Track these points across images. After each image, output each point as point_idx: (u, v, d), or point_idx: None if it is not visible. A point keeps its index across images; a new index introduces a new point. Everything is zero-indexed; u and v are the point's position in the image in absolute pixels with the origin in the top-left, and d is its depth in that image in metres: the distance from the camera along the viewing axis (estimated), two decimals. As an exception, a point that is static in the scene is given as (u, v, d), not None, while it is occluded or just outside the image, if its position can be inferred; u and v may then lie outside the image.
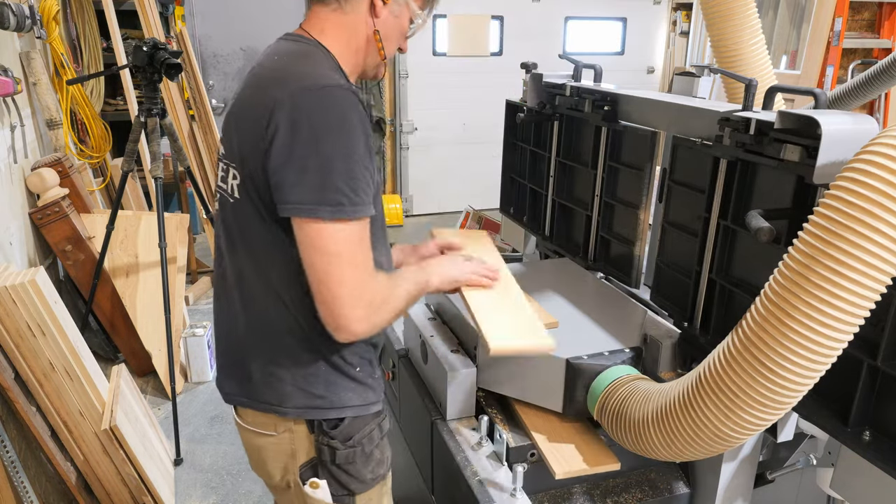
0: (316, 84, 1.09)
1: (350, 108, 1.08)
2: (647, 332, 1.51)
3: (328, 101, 1.07)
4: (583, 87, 1.80)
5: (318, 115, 1.06)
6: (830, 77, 4.51)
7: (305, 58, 1.17)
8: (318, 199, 1.06)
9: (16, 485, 1.98)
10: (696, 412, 1.10)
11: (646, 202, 1.64)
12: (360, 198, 1.08)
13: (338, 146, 1.06)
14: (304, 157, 1.06)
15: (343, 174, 1.06)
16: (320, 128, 1.06)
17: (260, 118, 1.10)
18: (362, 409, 1.27)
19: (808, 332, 0.94)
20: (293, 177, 1.07)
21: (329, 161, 1.05)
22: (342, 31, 1.21)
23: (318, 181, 1.05)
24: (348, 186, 1.06)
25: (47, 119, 3.57)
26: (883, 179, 0.87)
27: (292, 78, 1.11)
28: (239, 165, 1.16)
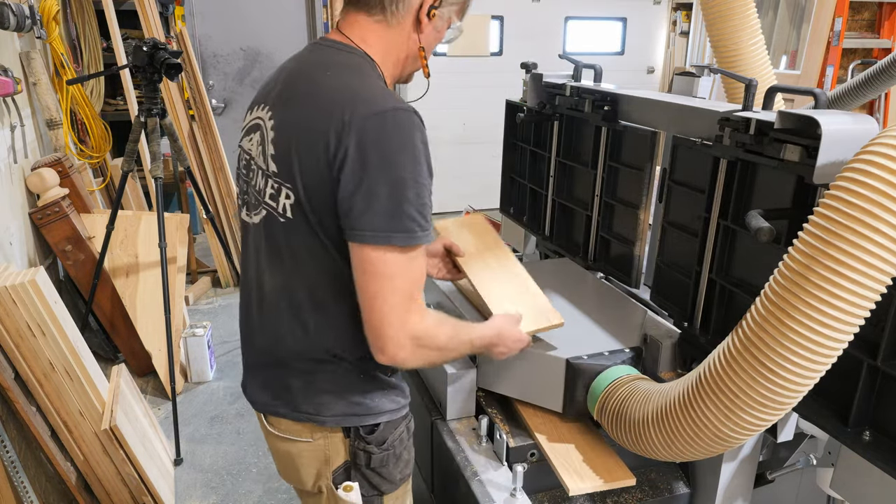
0: (382, 108, 1.07)
1: (415, 130, 1.08)
2: (647, 332, 1.51)
3: (395, 125, 1.06)
4: (583, 87, 1.80)
5: (387, 140, 1.06)
6: (830, 77, 4.51)
7: (361, 74, 1.15)
8: (391, 227, 1.05)
9: (16, 485, 1.98)
10: (697, 412, 1.10)
11: (646, 202, 1.64)
12: (428, 223, 1.09)
13: (407, 172, 1.05)
14: (374, 184, 1.05)
15: (414, 200, 1.06)
16: (390, 154, 1.05)
17: (325, 143, 1.08)
18: (395, 412, 1.28)
19: (808, 332, 0.94)
20: (363, 204, 1.06)
21: (400, 188, 1.05)
22: (384, 43, 1.19)
23: (389, 208, 1.05)
24: (419, 213, 1.07)
25: (47, 119, 3.57)
26: (883, 179, 0.87)
27: (357, 100, 1.08)
28: (295, 186, 1.12)
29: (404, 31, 1.19)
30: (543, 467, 1.36)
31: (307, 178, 1.11)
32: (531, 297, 1.54)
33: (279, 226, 1.17)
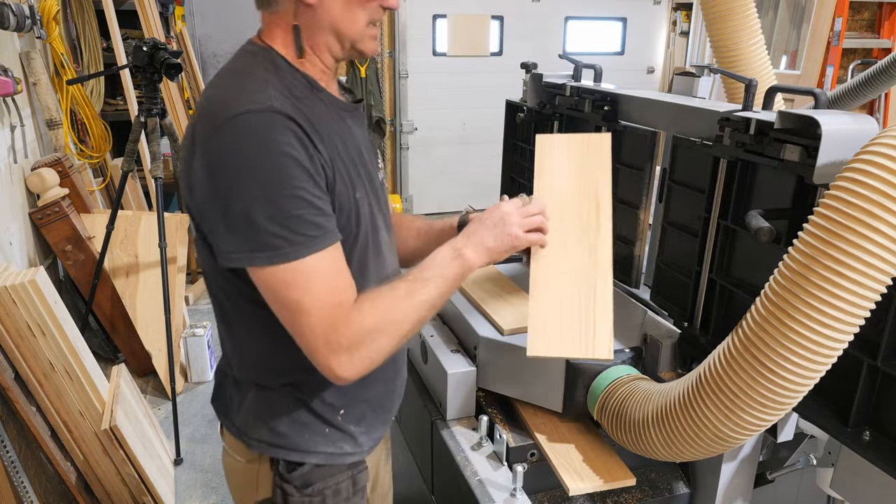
0: (229, 114, 0.94)
1: (272, 132, 0.94)
2: (647, 332, 1.51)
3: (242, 131, 0.94)
4: (583, 87, 1.80)
5: (232, 150, 0.94)
6: (830, 77, 4.51)
7: (237, 76, 1.03)
8: (249, 247, 0.95)
9: (16, 485, 1.98)
10: (697, 412, 1.10)
11: (646, 202, 1.64)
12: (300, 235, 0.95)
13: (260, 182, 0.93)
14: (225, 201, 0.95)
15: (272, 214, 0.94)
16: (235, 165, 0.94)
17: (188, 159, 1.00)
18: (331, 457, 1.15)
19: (808, 332, 0.94)
20: (219, 225, 0.97)
21: (252, 202, 0.93)
22: (287, 31, 1.07)
23: (244, 226, 0.94)
24: (281, 226, 0.94)
25: (47, 119, 3.57)
26: (883, 179, 0.87)
27: (211, 108, 0.99)
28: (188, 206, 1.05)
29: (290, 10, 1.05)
30: (543, 467, 1.36)
31: (187, 198, 1.03)
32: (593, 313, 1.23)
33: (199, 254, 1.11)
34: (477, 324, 1.55)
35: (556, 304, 1.24)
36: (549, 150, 1.41)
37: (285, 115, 0.96)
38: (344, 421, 1.17)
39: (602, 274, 1.26)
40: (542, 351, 1.20)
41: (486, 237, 1.17)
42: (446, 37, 6.06)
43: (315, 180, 0.98)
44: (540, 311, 1.23)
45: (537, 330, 1.21)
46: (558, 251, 1.28)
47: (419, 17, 5.92)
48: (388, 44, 5.93)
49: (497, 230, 1.18)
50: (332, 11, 1.04)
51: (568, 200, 1.33)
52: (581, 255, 1.27)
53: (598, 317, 1.22)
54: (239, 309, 1.10)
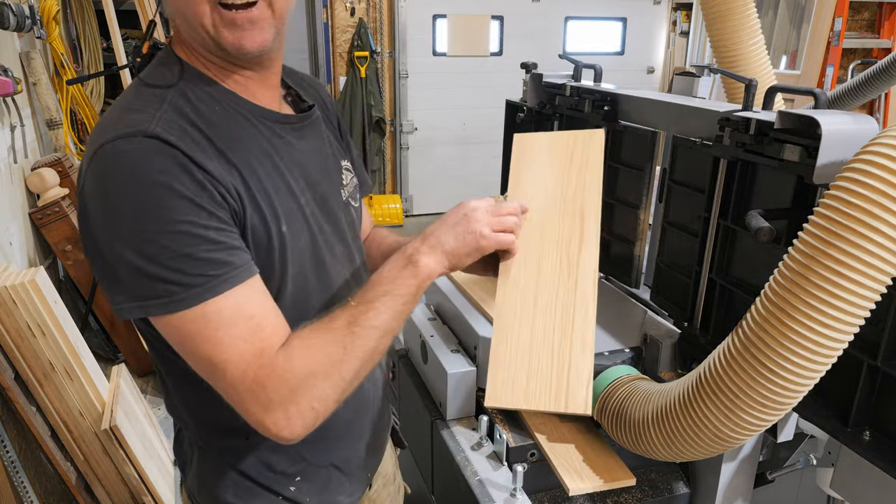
0: (98, 143, 0.81)
1: (142, 160, 0.79)
2: (647, 332, 1.51)
3: (109, 163, 0.80)
4: (583, 87, 1.80)
5: (101, 186, 0.80)
6: (830, 77, 4.51)
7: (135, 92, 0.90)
8: (137, 295, 0.80)
9: (16, 485, 1.98)
10: (697, 412, 1.10)
11: (646, 202, 1.64)
12: (196, 276, 0.80)
13: (135, 220, 0.78)
14: (105, 246, 0.80)
15: (154, 255, 0.78)
16: (105, 203, 0.80)
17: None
18: None
19: (808, 332, 0.94)
20: (100, 272, 0.83)
21: (129, 244, 0.78)
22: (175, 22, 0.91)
23: (126, 273, 0.79)
24: (168, 268, 0.79)
25: (47, 119, 3.57)
26: (883, 179, 0.87)
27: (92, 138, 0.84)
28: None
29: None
30: (543, 467, 1.36)
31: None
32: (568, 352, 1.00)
33: None
34: (477, 324, 1.55)
35: (525, 342, 1.00)
36: (526, 152, 1.18)
37: (160, 140, 0.80)
38: (299, 493, 1.01)
39: (582, 302, 1.01)
40: (503, 402, 0.99)
41: (446, 237, 0.94)
42: (446, 37, 6.06)
43: (207, 210, 0.81)
44: (503, 350, 1.00)
45: (498, 374, 0.99)
46: (531, 272, 1.04)
47: (419, 17, 5.92)
48: (388, 44, 5.93)
49: (459, 228, 0.95)
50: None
51: (547, 212, 1.10)
52: (559, 276, 1.04)
53: (575, 360, 0.98)
54: (162, 358, 0.95)
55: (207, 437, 1.00)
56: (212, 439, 1.00)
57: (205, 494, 1.02)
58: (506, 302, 1.03)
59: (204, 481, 1.00)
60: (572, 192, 1.12)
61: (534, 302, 1.03)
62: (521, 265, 1.06)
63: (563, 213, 1.10)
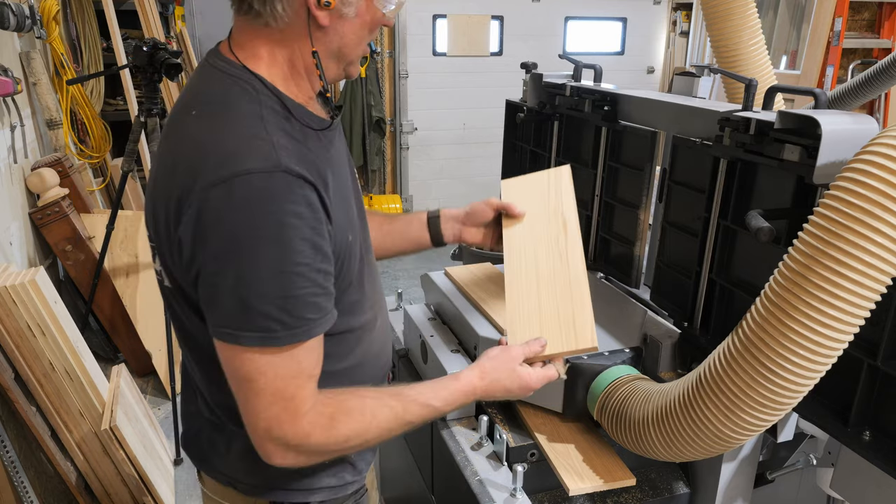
0: (232, 172, 0.83)
1: (282, 201, 0.84)
2: (647, 332, 1.50)
3: (245, 196, 0.83)
4: (583, 87, 1.80)
5: (232, 218, 0.83)
6: (830, 77, 4.51)
7: (226, 115, 0.90)
8: (238, 325, 0.85)
9: (16, 485, 1.98)
10: (697, 413, 1.10)
11: (646, 202, 1.64)
12: (299, 320, 0.86)
13: (263, 258, 0.83)
14: (216, 273, 0.85)
15: (273, 294, 0.84)
16: (235, 235, 0.83)
17: (172, 213, 0.88)
18: (334, 491, 1.10)
19: (808, 332, 0.94)
20: (206, 294, 0.87)
21: (251, 279, 0.83)
22: (281, 51, 0.95)
23: (236, 304, 0.85)
24: (280, 308, 0.85)
25: (47, 119, 3.57)
26: (883, 179, 0.87)
27: (206, 160, 0.86)
28: (160, 253, 0.96)
29: (295, 32, 0.94)
30: (543, 467, 1.36)
31: (163, 247, 0.94)
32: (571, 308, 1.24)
33: (165, 291, 1.02)
34: (477, 324, 1.55)
35: (535, 310, 1.25)
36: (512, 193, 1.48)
37: (297, 175, 0.85)
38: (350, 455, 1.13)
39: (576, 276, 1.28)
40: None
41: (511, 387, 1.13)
42: (446, 37, 6.06)
43: (323, 252, 0.89)
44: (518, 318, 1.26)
45: (517, 334, 1.23)
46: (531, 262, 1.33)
47: (419, 17, 5.92)
48: (388, 44, 5.93)
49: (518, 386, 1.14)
50: (344, 35, 0.96)
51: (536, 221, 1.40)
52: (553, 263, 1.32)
53: (577, 312, 1.23)
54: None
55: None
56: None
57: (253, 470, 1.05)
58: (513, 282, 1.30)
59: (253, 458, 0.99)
60: (553, 206, 1.42)
61: (536, 280, 1.30)
62: (522, 256, 1.33)
63: (549, 221, 1.39)
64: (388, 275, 4.99)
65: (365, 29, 0.98)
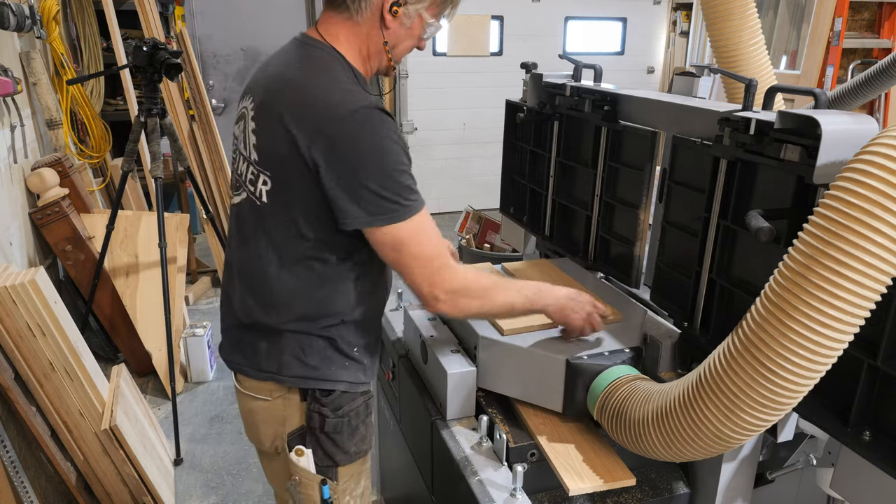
0: (347, 110, 1.18)
1: (381, 125, 1.19)
2: (647, 332, 1.50)
3: (362, 125, 1.18)
4: (583, 87, 1.80)
5: (356, 141, 1.17)
6: (830, 77, 4.51)
7: (328, 71, 1.25)
8: (370, 212, 1.20)
9: (16, 485, 1.98)
10: (697, 413, 1.10)
11: (646, 202, 1.64)
12: (409, 198, 1.22)
13: (381, 162, 1.18)
14: (349, 176, 1.18)
15: (388, 185, 1.19)
16: (362, 153, 1.18)
17: (298, 142, 1.20)
18: (352, 385, 1.39)
19: (808, 332, 0.94)
20: (347, 199, 1.20)
21: (372, 177, 1.18)
22: (354, 38, 1.29)
23: (367, 195, 1.19)
24: (397, 194, 1.20)
25: (47, 119, 3.57)
26: (883, 179, 0.87)
27: (321, 101, 1.20)
28: (273, 175, 1.27)
29: (370, 27, 1.28)
30: (543, 467, 1.36)
31: (284, 170, 1.24)
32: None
33: (255, 208, 1.31)
34: (477, 324, 1.55)
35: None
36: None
37: (385, 112, 1.21)
38: (359, 354, 1.40)
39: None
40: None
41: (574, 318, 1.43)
42: (446, 37, 6.06)
43: (408, 158, 1.24)
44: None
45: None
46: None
47: (419, 17, 5.91)
48: (388, 44, 5.93)
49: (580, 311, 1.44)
50: (399, 39, 1.31)
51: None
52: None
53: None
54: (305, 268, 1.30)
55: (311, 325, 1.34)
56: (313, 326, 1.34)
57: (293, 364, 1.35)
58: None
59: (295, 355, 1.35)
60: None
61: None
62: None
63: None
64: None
65: (412, 40, 1.34)
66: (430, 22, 1.31)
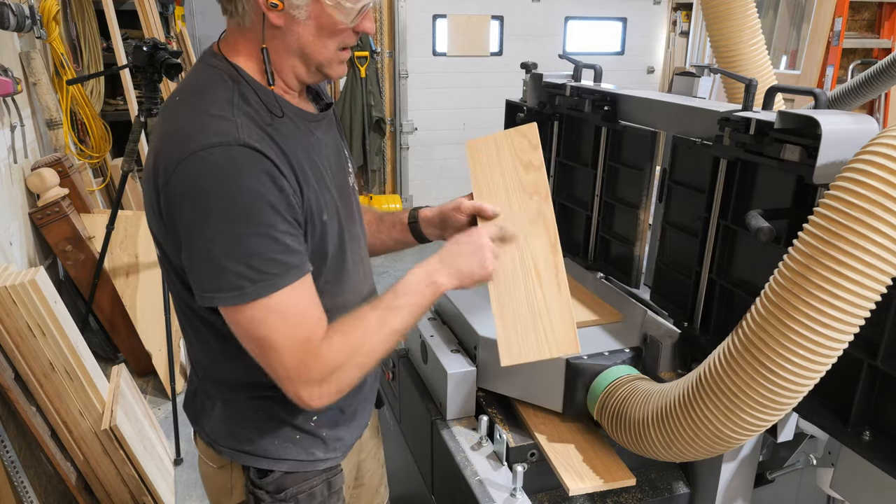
0: (195, 146, 0.92)
1: (239, 169, 0.92)
2: (647, 332, 1.50)
3: (207, 167, 0.92)
4: (583, 87, 1.80)
5: (197, 187, 0.92)
6: (830, 77, 4.51)
7: (199, 95, 1.01)
8: (213, 286, 0.95)
9: (16, 485, 1.98)
10: (697, 413, 1.10)
11: (646, 202, 1.64)
12: (265, 274, 0.94)
13: (225, 222, 0.92)
14: (189, 240, 0.95)
15: (233, 253, 0.93)
16: (200, 203, 0.92)
17: (153, 189, 0.99)
18: (302, 464, 1.16)
19: (808, 332, 0.94)
20: (186, 261, 0.98)
21: (214, 241, 0.92)
22: (253, 47, 1.03)
23: (208, 267, 0.94)
24: (245, 266, 0.93)
25: (47, 119, 3.57)
26: (883, 179, 0.87)
27: (176, 138, 0.96)
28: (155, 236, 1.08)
29: (258, 31, 1.02)
30: (543, 467, 1.36)
31: (151, 220, 1.05)
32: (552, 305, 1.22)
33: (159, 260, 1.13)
34: (477, 324, 1.55)
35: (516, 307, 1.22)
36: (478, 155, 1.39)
37: (253, 149, 0.94)
38: (316, 426, 1.18)
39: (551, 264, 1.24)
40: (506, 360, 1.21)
41: (463, 264, 1.16)
42: (446, 37, 6.06)
43: (283, 216, 0.96)
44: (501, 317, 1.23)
45: (501, 339, 1.21)
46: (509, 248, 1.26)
47: (419, 17, 5.92)
48: (388, 44, 5.93)
49: (475, 258, 1.17)
50: (301, 37, 1.02)
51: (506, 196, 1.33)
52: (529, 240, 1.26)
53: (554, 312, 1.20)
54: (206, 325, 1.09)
55: (238, 391, 1.15)
56: (242, 393, 1.15)
57: (227, 434, 1.16)
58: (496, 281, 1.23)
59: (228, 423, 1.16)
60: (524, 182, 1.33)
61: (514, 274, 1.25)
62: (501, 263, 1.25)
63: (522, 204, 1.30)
64: (389, 275, 4.99)
65: (323, 32, 1.02)
66: (332, 3, 0.99)
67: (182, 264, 1.00)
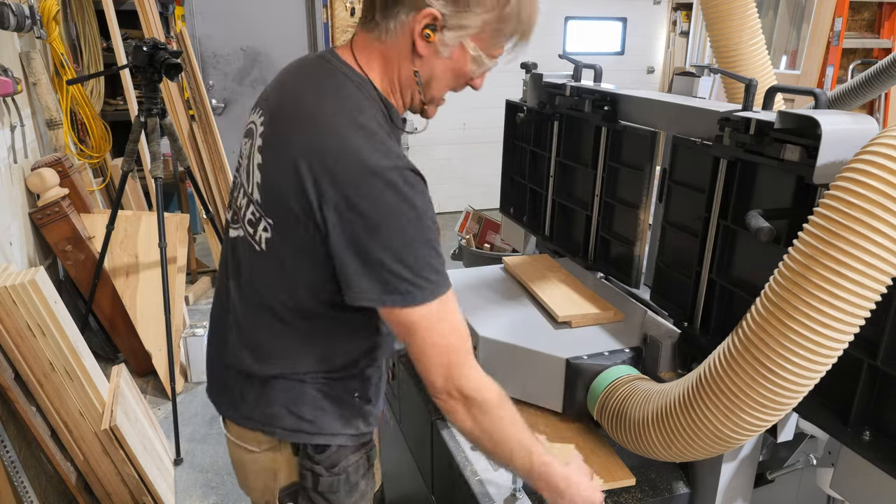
0: (374, 167, 0.99)
1: (411, 189, 1.00)
2: (647, 332, 1.50)
3: (387, 185, 0.99)
4: (583, 87, 1.80)
5: (378, 204, 0.99)
6: (830, 77, 4.51)
7: (358, 113, 1.05)
8: (383, 290, 1.02)
9: (16, 485, 1.98)
10: (697, 413, 1.10)
11: (646, 202, 1.64)
12: (430, 278, 1.03)
13: (404, 235, 1.00)
14: (365, 246, 1.01)
15: (411, 262, 1.01)
16: (382, 218, 0.99)
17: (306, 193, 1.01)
18: (351, 438, 1.23)
19: (808, 332, 0.94)
20: (357, 270, 1.02)
21: (391, 251, 1.00)
22: (386, 64, 1.10)
23: (384, 273, 1.01)
24: (417, 272, 1.02)
25: (47, 119, 3.57)
26: (883, 179, 0.87)
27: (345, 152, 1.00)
28: (274, 223, 1.09)
29: (400, 51, 1.07)
30: (543, 467, 1.36)
31: (288, 221, 1.06)
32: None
33: (254, 252, 1.14)
34: (477, 324, 1.55)
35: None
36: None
37: (418, 175, 1.03)
38: (360, 401, 1.24)
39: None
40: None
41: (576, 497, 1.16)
42: (446, 37, 6.05)
43: (438, 232, 1.07)
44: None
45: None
46: None
47: (419, 17, 5.91)
48: (388, 44, 5.93)
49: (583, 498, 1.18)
50: (434, 70, 1.10)
51: None
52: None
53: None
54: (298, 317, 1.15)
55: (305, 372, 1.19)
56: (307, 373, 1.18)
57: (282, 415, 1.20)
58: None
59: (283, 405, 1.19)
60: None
61: None
62: None
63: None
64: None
65: (453, 74, 1.12)
66: (475, 56, 1.08)
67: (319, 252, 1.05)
